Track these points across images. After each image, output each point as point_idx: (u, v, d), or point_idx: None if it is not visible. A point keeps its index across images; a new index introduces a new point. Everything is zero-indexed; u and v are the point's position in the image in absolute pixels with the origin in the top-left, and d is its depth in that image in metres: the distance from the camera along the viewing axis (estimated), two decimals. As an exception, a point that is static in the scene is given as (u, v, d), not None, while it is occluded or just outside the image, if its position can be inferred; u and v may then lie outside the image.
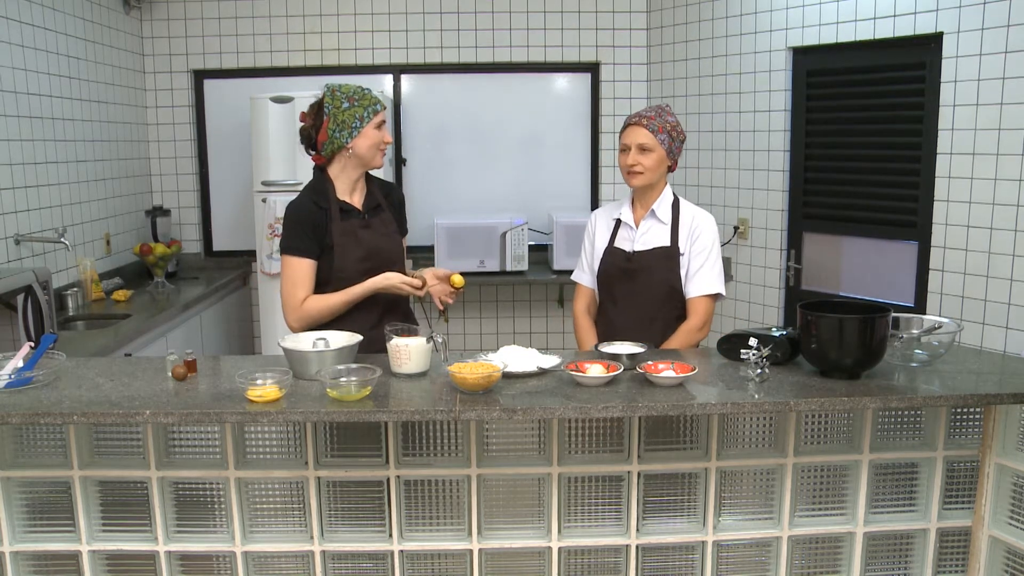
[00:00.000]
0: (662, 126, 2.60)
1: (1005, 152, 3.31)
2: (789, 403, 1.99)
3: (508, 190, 5.29)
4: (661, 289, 2.65)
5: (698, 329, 2.65)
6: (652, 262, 2.66)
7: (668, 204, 2.70)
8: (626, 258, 2.69)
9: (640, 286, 2.66)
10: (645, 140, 2.60)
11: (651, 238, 2.69)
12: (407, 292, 2.49)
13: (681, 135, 2.66)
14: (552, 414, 1.96)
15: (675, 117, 2.66)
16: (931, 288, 3.64)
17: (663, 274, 2.65)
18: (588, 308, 2.85)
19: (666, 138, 2.60)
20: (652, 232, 2.69)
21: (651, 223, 2.69)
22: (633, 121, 2.64)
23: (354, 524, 2.20)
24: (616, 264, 2.70)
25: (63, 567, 2.19)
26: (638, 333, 2.56)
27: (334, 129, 2.50)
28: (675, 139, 2.63)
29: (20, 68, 3.66)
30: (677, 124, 2.64)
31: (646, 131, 2.60)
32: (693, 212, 2.70)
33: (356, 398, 1.99)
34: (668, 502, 2.24)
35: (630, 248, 2.70)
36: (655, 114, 2.63)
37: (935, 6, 3.51)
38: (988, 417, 2.19)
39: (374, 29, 5.07)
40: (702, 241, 2.65)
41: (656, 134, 2.60)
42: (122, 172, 4.71)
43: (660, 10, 4.97)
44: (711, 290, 2.65)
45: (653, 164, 2.62)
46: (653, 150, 2.60)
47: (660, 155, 2.62)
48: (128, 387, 2.11)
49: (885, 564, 2.31)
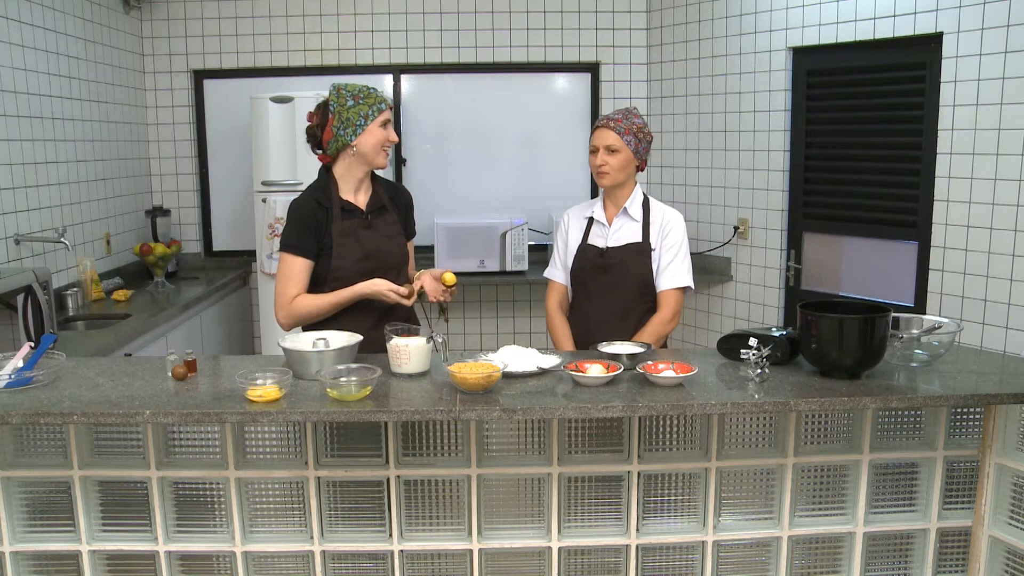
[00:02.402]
0: (628, 128, 2.72)
1: (1005, 152, 3.31)
2: (789, 403, 1.99)
3: (508, 190, 5.30)
4: (634, 283, 2.77)
5: (668, 321, 2.77)
6: (625, 257, 2.78)
7: (639, 202, 2.82)
8: (599, 254, 2.81)
9: (614, 281, 2.78)
10: (612, 142, 2.73)
11: (624, 235, 2.81)
12: (393, 300, 2.45)
13: (648, 136, 2.78)
14: (552, 414, 1.96)
15: (643, 119, 2.78)
16: (931, 288, 3.64)
17: (636, 269, 2.77)
18: (560, 304, 2.95)
19: (632, 139, 2.72)
20: (624, 229, 2.81)
21: (623, 221, 2.82)
22: (601, 124, 2.77)
23: (354, 524, 2.20)
24: (590, 260, 2.82)
25: (63, 567, 2.19)
26: (612, 326, 2.71)
27: (339, 127, 2.50)
28: (641, 140, 2.75)
29: (20, 68, 3.66)
30: (644, 126, 2.77)
31: (613, 133, 2.72)
32: (663, 210, 2.83)
33: (356, 398, 1.99)
34: (668, 502, 2.24)
35: (603, 244, 2.82)
36: (622, 116, 2.75)
37: (935, 6, 3.51)
38: (988, 417, 2.19)
39: (374, 29, 5.07)
40: (672, 237, 2.78)
41: (623, 135, 2.72)
42: (122, 172, 4.71)
43: (660, 10, 4.97)
44: (680, 283, 2.77)
45: (620, 164, 2.74)
46: (620, 151, 2.73)
47: (627, 156, 2.74)
48: (128, 387, 2.11)
49: (885, 564, 2.31)
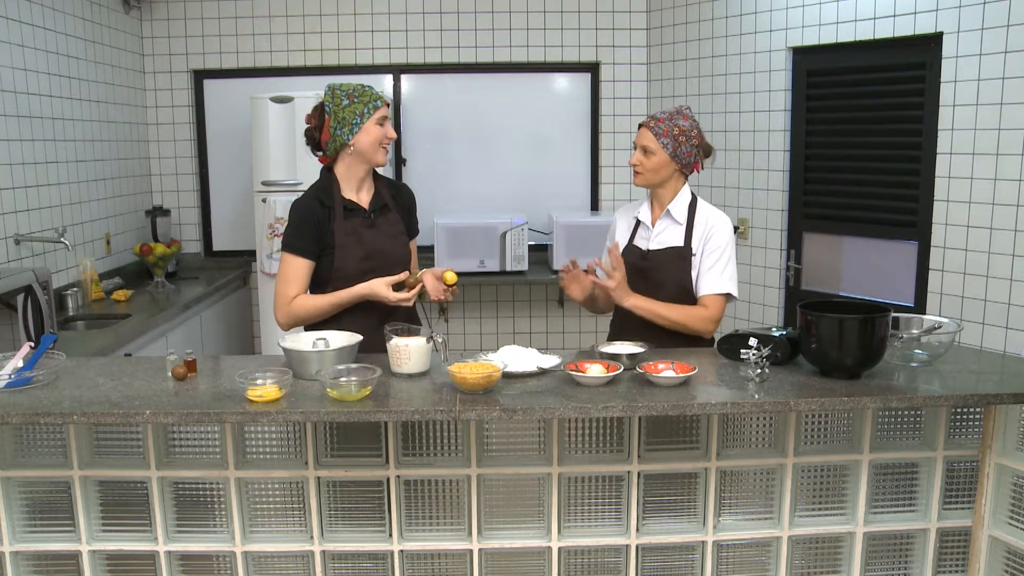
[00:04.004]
0: (668, 130, 2.62)
1: (1005, 152, 3.31)
2: (789, 403, 1.99)
3: (508, 190, 5.29)
4: (672, 288, 2.67)
5: (707, 319, 2.61)
6: (666, 261, 2.69)
7: (684, 205, 2.71)
8: (641, 256, 2.73)
9: (653, 284, 2.69)
10: (647, 143, 2.64)
11: (666, 238, 2.71)
12: (393, 301, 2.42)
13: (695, 138, 2.65)
14: (552, 414, 1.96)
15: (691, 121, 2.64)
16: (931, 288, 3.64)
17: (675, 274, 2.67)
18: None
19: (670, 142, 2.61)
20: (667, 232, 2.72)
21: (667, 223, 2.72)
22: (642, 122, 2.69)
23: (354, 524, 2.20)
24: (632, 262, 2.73)
25: (63, 567, 2.19)
26: (651, 329, 2.61)
27: (335, 127, 2.49)
28: (683, 143, 2.63)
29: (20, 68, 3.66)
30: (690, 128, 2.63)
31: (650, 134, 2.64)
32: (708, 213, 2.71)
33: (356, 398, 1.99)
34: (668, 502, 2.24)
35: (646, 247, 2.74)
36: (666, 117, 2.64)
37: (935, 6, 3.51)
38: (988, 417, 2.19)
39: (374, 29, 5.07)
40: (714, 241, 2.66)
41: (659, 137, 2.62)
42: (122, 172, 4.71)
43: (660, 10, 4.97)
44: (720, 290, 2.64)
45: (654, 166, 2.65)
46: (655, 153, 2.64)
47: (662, 159, 2.63)
48: (128, 387, 2.10)
49: (885, 564, 2.31)
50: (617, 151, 5.22)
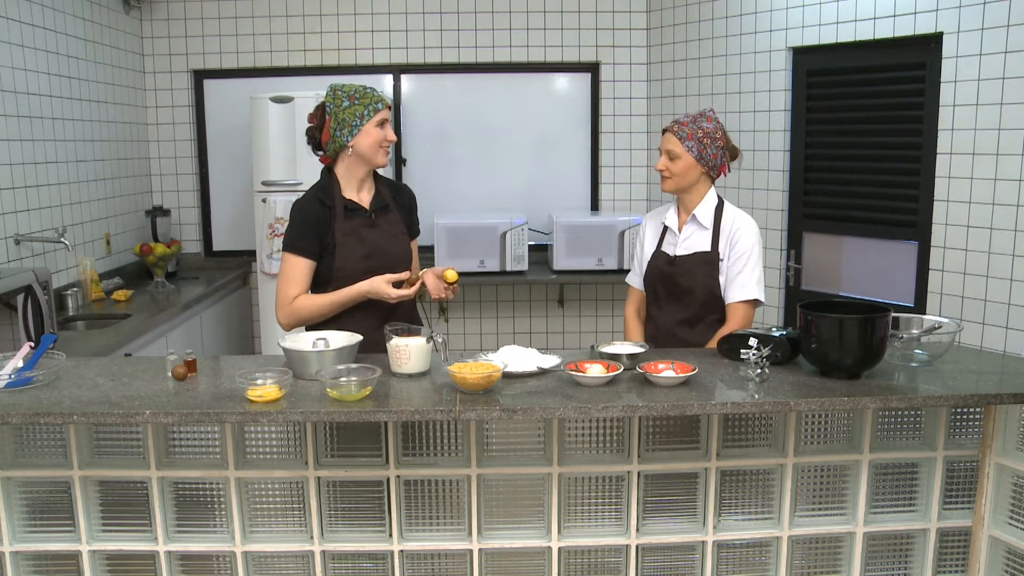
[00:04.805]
0: (692, 133, 2.61)
1: (1005, 152, 3.31)
2: (789, 403, 1.99)
3: (508, 190, 5.29)
4: (700, 294, 2.66)
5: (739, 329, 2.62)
6: (693, 267, 2.67)
7: (710, 209, 2.69)
8: (669, 262, 2.72)
9: (681, 290, 2.68)
10: (672, 147, 2.64)
11: (693, 243, 2.70)
12: (394, 297, 2.43)
13: (720, 140, 2.64)
14: (552, 414, 1.96)
15: (715, 123, 2.64)
16: (931, 288, 3.64)
17: (702, 279, 2.66)
18: (639, 310, 2.87)
19: (695, 145, 2.61)
20: (694, 237, 2.70)
21: (693, 228, 2.70)
22: (666, 127, 2.69)
23: (354, 524, 2.20)
24: (660, 268, 2.73)
25: (63, 567, 2.19)
26: (682, 336, 2.63)
27: (335, 128, 2.50)
28: (708, 146, 2.62)
29: (20, 68, 3.66)
30: (715, 130, 2.63)
31: (675, 139, 2.63)
32: (734, 216, 2.70)
33: (356, 398, 1.99)
34: (668, 502, 2.24)
35: (673, 253, 2.72)
36: (689, 121, 2.64)
37: (935, 6, 3.51)
38: (988, 417, 2.19)
39: (374, 29, 5.07)
40: (740, 246, 2.64)
41: (684, 141, 2.61)
42: (122, 172, 4.71)
43: (660, 10, 4.97)
44: (747, 296, 2.63)
45: (680, 171, 2.64)
46: (681, 157, 2.63)
47: (688, 162, 2.63)
48: (128, 387, 2.11)
49: (885, 564, 2.31)
50: (617, 151, 5.22)
